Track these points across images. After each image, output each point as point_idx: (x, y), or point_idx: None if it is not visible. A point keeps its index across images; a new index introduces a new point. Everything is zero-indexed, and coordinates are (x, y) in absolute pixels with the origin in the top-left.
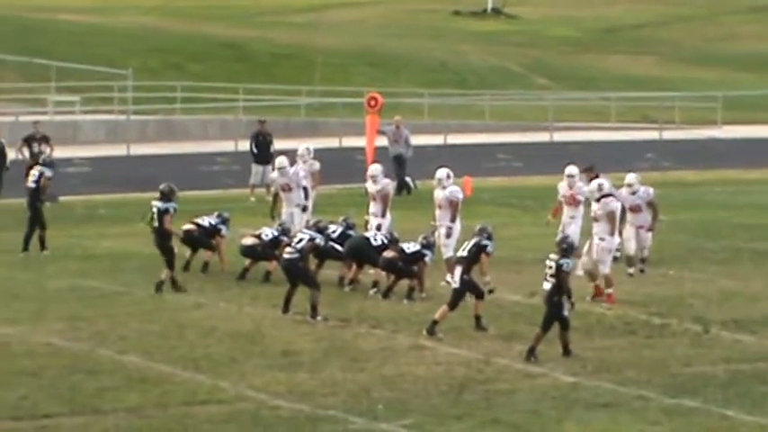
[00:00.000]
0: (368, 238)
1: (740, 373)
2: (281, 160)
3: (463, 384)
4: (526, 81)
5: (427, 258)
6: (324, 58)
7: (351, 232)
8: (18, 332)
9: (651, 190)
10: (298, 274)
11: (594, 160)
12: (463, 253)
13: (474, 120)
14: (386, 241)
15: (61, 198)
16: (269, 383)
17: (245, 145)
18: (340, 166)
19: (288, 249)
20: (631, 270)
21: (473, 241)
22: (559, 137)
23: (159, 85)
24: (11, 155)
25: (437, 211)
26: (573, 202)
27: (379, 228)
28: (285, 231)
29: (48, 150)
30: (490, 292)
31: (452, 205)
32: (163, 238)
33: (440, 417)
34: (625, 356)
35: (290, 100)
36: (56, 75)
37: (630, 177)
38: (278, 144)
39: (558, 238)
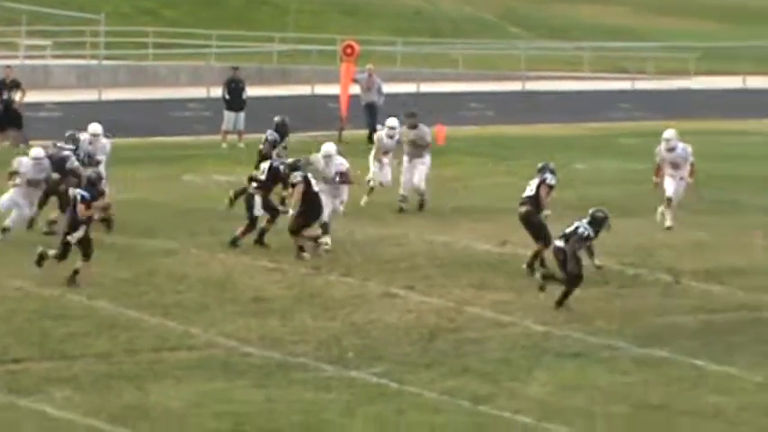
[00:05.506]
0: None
1: (710, 323)
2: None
3: (434, 333)
4: (499, 30)
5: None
6: (297, 6)
7: None
8: None
9: (689, 148)
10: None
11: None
12: None
13: (447, 68)
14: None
15: (32, 143)
16: (240, 330)
17: (217, 91)
18: (312, 114)
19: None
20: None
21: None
22: (532, 86)
23: (131, 31)
24: None
25: None
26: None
27: None
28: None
29: (19, 96)
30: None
31: None
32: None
33: (410, 365)
34: (597, 306)
35: (263, 47)
36: (27, 19)
37: (668, 133)
38: (250, 91)
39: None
